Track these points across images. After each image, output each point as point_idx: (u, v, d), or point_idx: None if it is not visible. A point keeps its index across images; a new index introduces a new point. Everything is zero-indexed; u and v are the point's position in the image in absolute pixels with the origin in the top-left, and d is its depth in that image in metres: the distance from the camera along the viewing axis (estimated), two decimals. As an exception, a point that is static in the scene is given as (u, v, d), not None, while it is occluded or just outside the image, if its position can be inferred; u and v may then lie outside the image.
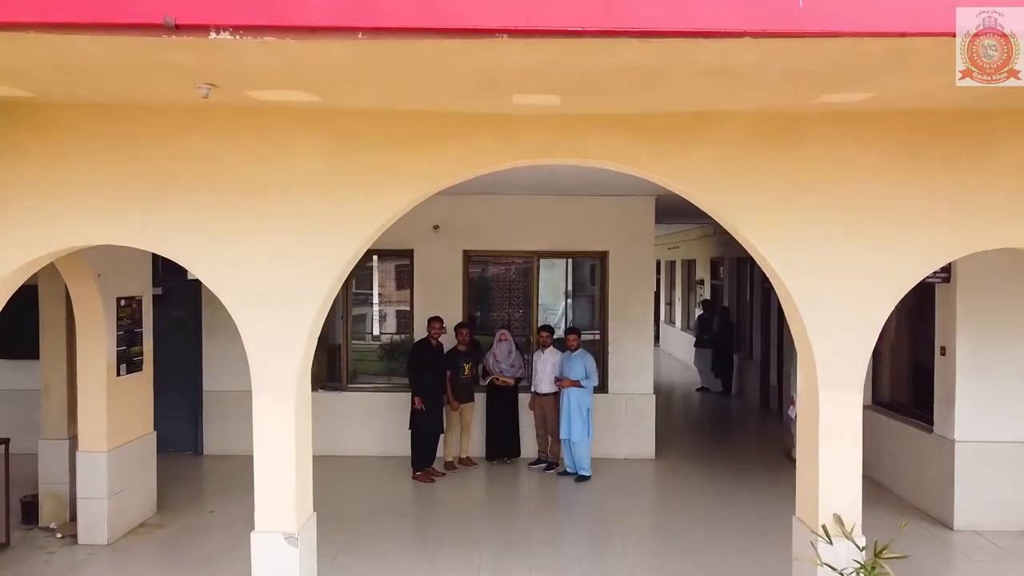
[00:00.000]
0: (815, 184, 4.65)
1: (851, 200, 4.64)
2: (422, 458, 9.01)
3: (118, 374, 6.95)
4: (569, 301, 12.70)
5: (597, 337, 10.58)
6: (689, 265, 19.88)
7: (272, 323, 4.73)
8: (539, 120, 4.67)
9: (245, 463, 5.27)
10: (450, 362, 9.23)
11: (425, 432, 8.97)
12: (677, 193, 4.90)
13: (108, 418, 6.79)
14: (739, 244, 4.86)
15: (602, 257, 10.21)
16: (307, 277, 4.73)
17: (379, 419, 9.90)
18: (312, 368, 5.01)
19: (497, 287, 10.89)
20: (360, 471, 9.36)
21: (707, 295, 17.40)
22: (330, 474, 9.10)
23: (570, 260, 11.83)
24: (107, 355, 6.80)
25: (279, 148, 4.70)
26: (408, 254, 10.11)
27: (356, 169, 4.72)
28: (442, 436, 9.30)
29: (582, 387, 8.89)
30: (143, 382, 7.40)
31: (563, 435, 9.03)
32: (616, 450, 9.84)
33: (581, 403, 8.93)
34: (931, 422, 7.68)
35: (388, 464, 9.51)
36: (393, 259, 10.85)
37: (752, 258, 4.89)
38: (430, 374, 8.96)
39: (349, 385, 10.24)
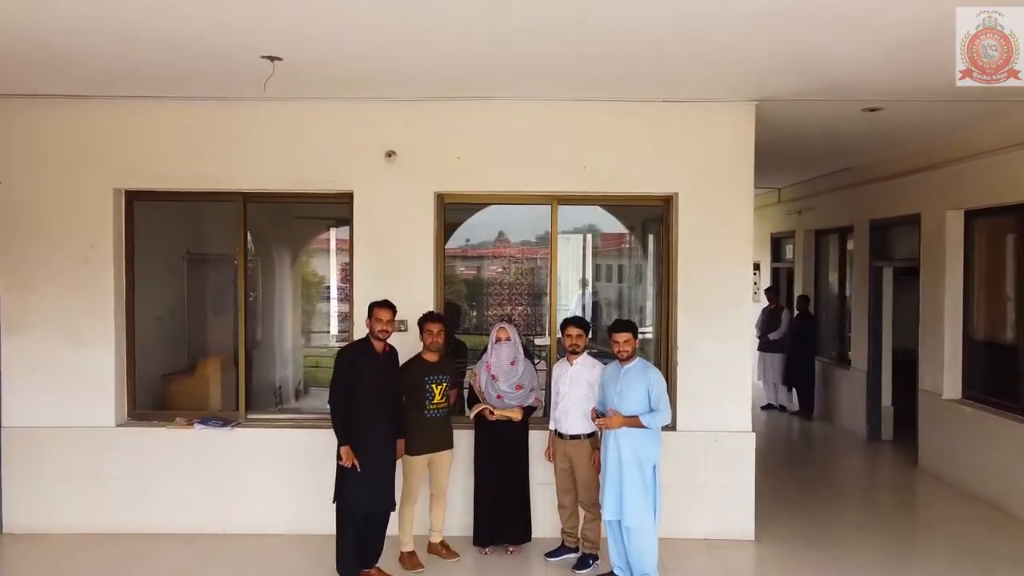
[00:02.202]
0: None
1: None
2: (355, 553, 5.01)
3: None
4: (588, 289, 9.43)
5: (650, 335, 6.77)
6: (734, 247, 16.04)
7: None
8: None
9: (69, 546, 3.63)
10: (409, 380, 5.28)
11: (361, 507, 4.98)
12: None
13: None
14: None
15: (665, 205, 6.25)
16: None
17: (296, 471, 5.95)
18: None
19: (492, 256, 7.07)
20: (254, 568, 5.39)
21: (767, 282, 13.50)
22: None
23: (589, 236, 8.99)
24: None
25: None
26: (343, 200, 6.09)
27: None
28: (395, 513, 5.31)
29: (644, 427, 4.92)
30: None
31: (608, 514, 4.99)
32: (691, 527, 5.89)
33: (643, 456, 4.93)
34: None
35: (308, 549, 5.56)
36: (322, 207, 6.96)
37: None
38: (371, 402, 4.99)
39: (250, 417, 6.27)
